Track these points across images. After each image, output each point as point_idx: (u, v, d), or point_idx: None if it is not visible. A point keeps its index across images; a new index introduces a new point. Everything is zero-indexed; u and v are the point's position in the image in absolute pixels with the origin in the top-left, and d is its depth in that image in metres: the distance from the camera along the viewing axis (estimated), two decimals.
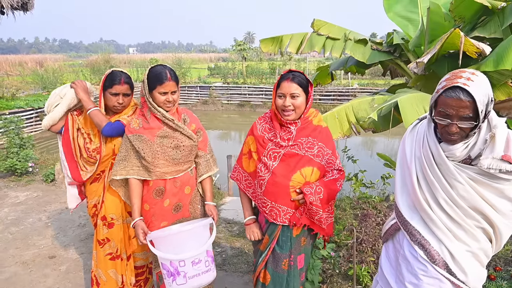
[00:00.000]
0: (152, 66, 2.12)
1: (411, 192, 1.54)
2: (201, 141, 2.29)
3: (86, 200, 2.49)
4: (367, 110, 2.89)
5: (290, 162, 1.91)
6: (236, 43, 22.52)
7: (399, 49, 3.64)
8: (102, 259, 2.44)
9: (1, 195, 5.09)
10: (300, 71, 1.94)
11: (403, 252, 1.59)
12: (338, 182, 1.99)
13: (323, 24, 3.97)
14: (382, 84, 16.86)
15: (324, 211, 1.93)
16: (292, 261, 2.00)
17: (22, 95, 13.38)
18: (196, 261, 2.02)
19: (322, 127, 2.01)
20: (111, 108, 2.32)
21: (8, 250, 3.68)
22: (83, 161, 2.35)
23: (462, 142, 1.38)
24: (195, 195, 2.32)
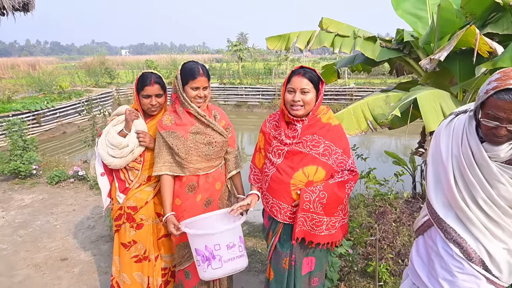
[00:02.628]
0: (184, 62, 2.17)
1: (446, 190, 1.51)
2: (230, 137, 2.31)
3: (112, 204, 2.44)
4: (382, 107, 2.92)
5: (293, 159, 1.91)
6: (232, 43, 22.51)
7: (409, 46, 3.66)
8: (127, 262, 2.40)
9: (6, 198, 5.03)
10: (312, 68, 1.93)
11: (437, 249, 1.58)
12: (348, 184, 1.91)
13: (331, 22, 3.99)
14: (379, 83, 16.97)
15: (332, 215, 1.91)
16: (293, 261, 1.98)
17: (17, 97, 13.22)
18: (231, 245, 2.01)
19: (332, 125, 1.95)
20: (146, 111, 2.33)
21: (18, 253, 3.64)
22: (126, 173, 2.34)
23: (508, 143, 1.35)
24: (225, 191, 2.36)
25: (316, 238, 1.91)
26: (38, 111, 11.90)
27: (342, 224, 2.01)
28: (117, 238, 2.43)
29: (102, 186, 2.39)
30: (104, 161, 2.29)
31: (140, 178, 2.33)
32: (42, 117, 12.03)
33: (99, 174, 2.37)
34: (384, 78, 18.66)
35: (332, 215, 1.91)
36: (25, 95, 14.14)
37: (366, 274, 2.88)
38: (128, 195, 2.33)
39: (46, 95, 13.43)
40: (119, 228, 2.39)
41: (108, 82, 18.71)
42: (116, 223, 2.40)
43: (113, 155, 2.24)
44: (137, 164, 2.32)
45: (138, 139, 2.26)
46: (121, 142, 2.22)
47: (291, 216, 1.93)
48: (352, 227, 3.19)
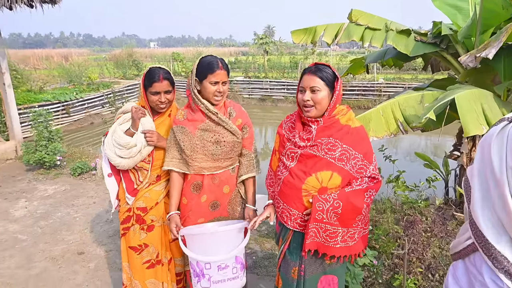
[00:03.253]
0: (202, 56, 2.02)
1: (500, 209, 1.26)
2: (247, 138, 2.15)
3: (119, 206, 2.35)
4: (415, 107, 2.67)
5: (307, 163, 1.75)
6: (258, 37, 22.26)
7: (446, 40, 3.37)
8: (139, 269, 2.29)
9: (30, 188, 5.12)
10: (327, 64, 1.76)
11: (482, 279, 1.34)
12: (368, 192, 1.74)
13: (361, 14, 3.73)
14: (409, 79, 16.30)
15: (349, 226, 1.73)
16: (302, 271, 1.82)
17: (49, 88, 13.61)
18: (223, 266, 1.91)
19: (351, 127, 1.77)
20: (154, 107, 2.21)
21: (38, 244, 3.66)
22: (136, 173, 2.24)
23: None
24: (235, 196, 2.19)
25: (331, 251, 1.74)
26: (67, 101, 12.20)
27: (363, 235, 1.82)
28: (124, 242, 2.31)
29: (110, 188, 2.29)
30: (111, 162, 2.19)
31: (149, 178, 2.23)
32: (71, 107, 12.34)
33: (106, 175, 2.27)
34: (415, 73, 17.89)
35: (349, 226, 1.74)
36: (56, 86, 14.54)
37: (390, 286, 2.67)
38: (138, 195, 2.23)
39: (76, 86, 13.75)
40: (127, 231, 2.27)
41: (135, 74, 18.97)
42: (124, 226, 2.28)
43: (121, 155, 2.13)
44: (145, 164, 2.21)
45: (146, 138, 2.14)
46: (128, 142, 2.11)
47: (302, 224, 1.78)
48: (378, 234, 2.98)
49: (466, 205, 1.43)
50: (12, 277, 3.13)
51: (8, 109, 6.13)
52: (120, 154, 2.14)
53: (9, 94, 6.04)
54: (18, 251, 3.55)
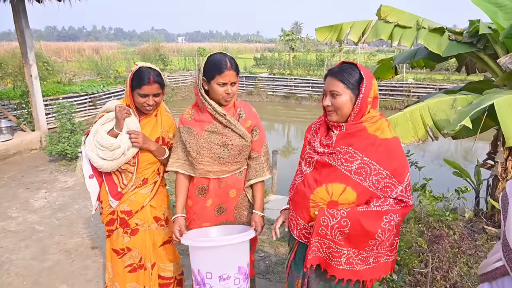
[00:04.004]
0: (210, 54, 1.89)
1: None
2: (257, 140, 2.01)
3: (101, 208, 2.24)
4: (446, 111, 2.45)
5: (321, 172, 1.59)
6: (284, 33, 22.01)
7: (484, 40, 3.10)
8: (121, 272, 2.22)
9: (51, 179, 5.21)
10: (354, 63, 1.58)
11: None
12: (388, 217, 1.49)
13: (391, 11, 3.52)
14: (441, 80, 15.66)
15: (360, 248, 1.54)
16: (305, 285, 1.68)
17: (78, 80, 13.95)
18: (225, 277, 1.81)
19: (379, 138, 1.55)
20: (140, 109, 2.08)
21: (53, 236, 3.69)
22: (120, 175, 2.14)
23: None
24: (242, 200, 2.08)
25: (332, 270, 1.58)
26: (94, 94, 12.45)
27: (383, 262, 1.60)
28: (108, 243, 2.24)
29: (91, 190, 2.15)
30: (93, 164, 2.06)
31: (135, 182, 2.12)
32: (97, 100, 12.59)
33: (87, 176, 2.13)
34: (447, 74, 17.18)
35: (360, 248, 1.54)
36: (85, 78, 14.89)
37: None
38: (122, 199, 2.12)
39: (103, 79, 14.02)
40: (111, 233, 2.20)
41: (161, 68, 19.19)
42: (108, 228, 2.20)
43: (104, 157, 2.01)
44: (130, 167, 2.09)
45: (131, 139, 2.02)
46: (112, 143, 1.99)
47: (307, 236, 1.64)
48: (400, 245, 2.80)
49: (502, 223, 1.26)
50: (25, 268, 3.16)
51: (34, 100, 6.27)
52: (102, 156, 2.02)
53: (35, 86, 6.17)
54: (35, 242, 3.58)
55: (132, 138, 2.03)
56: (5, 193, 4.73)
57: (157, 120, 2.18)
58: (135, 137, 2.03)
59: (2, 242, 3.56)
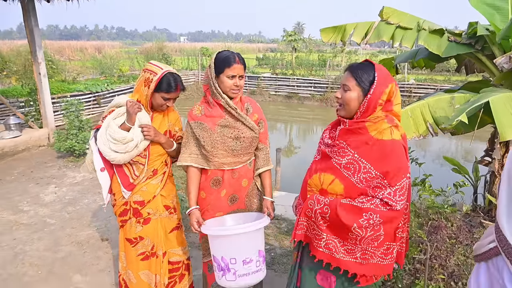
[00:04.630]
0: (219, 52, 2.03)
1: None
2: (262, 132, 2.16)
3: (113, 199, 2.33)
4: (445, 109, 2.57)
5: (322, 161, 1.72)
6: (287, 33, 22.14)
7: (482, 41, 3.22)
8: (134, 260, 2.33)
9: (60, 175, 5.34)
10: (373, 63, 1.62)
11: (502, 282, 1.32)
12: (367, 214, 1.51)
13: (393, 12, 3.63)
14: (442, 81, 15.77)
15: (341, 238, 1.59)
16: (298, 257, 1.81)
17: (81, 79, 14.09)
18: (248, 261, 1.93)
19: (375, 138, 1.57)
20: (156, 107, 2.22)
21: (65, 229, 3.82)
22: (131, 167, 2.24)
23: None
24: (252, 189, 2.22)
25: (313, 249, 1.68)
26: (98, 92, 12.58)
27: (376, 263, 1.62)
28: (122, 233, 2.35)
29: (102, 182, 2.25)
30: (105, 157, 2.15)
31: (146, 173, 2.24)
32: (102, 98, 12.72)
33: (99, 169, 2.22)
34: (448, 75, 17.29)
35: (341, 237, 1.61)
36: (89, 77, 15.03)
37: None
38: (134, 189, 2.23)
39: (107, 78, 14.16)
40: (125, 223, 2.30)
41: None
42: (121, 219, 2.31)
43: (116, 150, 2.10)
44: (141, 159, 2.20)
45: (143, 133, 2.14)
46: (125, 136, 2.08)
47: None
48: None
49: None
50: (40, 258, 3.29)
51: (42, 97, 6.41)
52: (115, 149, 2.11)
53: (44, 83, 6.30)
54: (47, 234, 3.71)
55: (144, 132, 2.14)
56: (16, 187, 4.86)
57: (164, 115, 2.32)
58: (147, 131, 2.14)
59: (15, 234, 3.69)
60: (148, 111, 2.22)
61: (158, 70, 2.14)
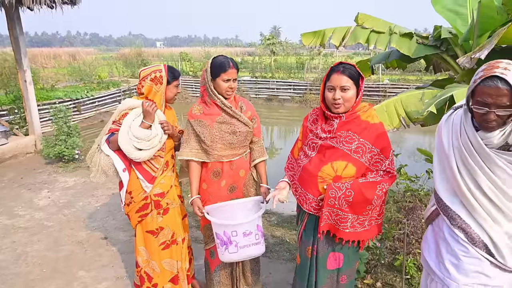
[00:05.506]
0: (214, 57, 2.29)
1: (451, 179, 1.60)
2: (256, 128, 2.43)
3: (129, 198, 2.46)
4: (416, 104, 2.91)
5: (325, 153, 1.93)
6: (265, 37, 22.51)
7: (446, 43, 3.59)
8: (156, 250, 2.50)
9: (51, 180, 5.41)
10: (352, 63, 1.93)
11: (443, 235, 1.67)
12: (381, 185, 1.88)
13: (367, 18, 3.97)
14: (414, 80, 16.47)
15: (359, 214, 1.90)
16: (315, 251, 2.02)
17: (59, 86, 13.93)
18: (247, 233, 2.16)
19: (370, 123, 1.92)
20: (170, 99, 2.49)
21: (63, 230, 3.94)
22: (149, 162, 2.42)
23: (499, 129, 1.44)
24: (249, 179, 2.47)
25: (340, 233, 1.93)
26: (78, 99, 12.50)
27: (375, 224, 1.98)
28: (140, 228, 2.50)
29: (126, 182, 2.41)
30: (129, 156, 2.31)
31: (162, 165, 2.45)
32: (82, 105, 12.64)
33: (121, 170, 2.39)
34: (420, 75, 18.05)
35: (360, 213, 1.91)
36: (67, 84, 14.86)
37: (393, 267, 2.91)
38: (155, 182, 2.43)
39: (86, 85, 14.06)
40: (144, 218, 2.46)
41: None
42: (141, 214, 2.45)
43: (141, 147, 2.29)
44: (161, 152, 2.43)
45: (163, 128, 2.37)
46: (149, 134, 2.30)
47: (316, 207, 1.97)
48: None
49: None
50: (42, 258, 3.41)
51: (28, 105, 6.44)
52: (139, 147, 2.28)
53: (30, 91, 6.34)
54: (46, 235, 3.83)
55: (164, 127, 2.38)
56: (8, 194, 4.92)
57: (171, 113, 2.61)
58: (166, 126, 2.39)
59: (14, 237, 3.79)
60: (162, 108, 2.45)
61: (158, 67, 2.40)
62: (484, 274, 1.56)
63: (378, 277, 2.88)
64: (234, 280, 2.63)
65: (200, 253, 3.37)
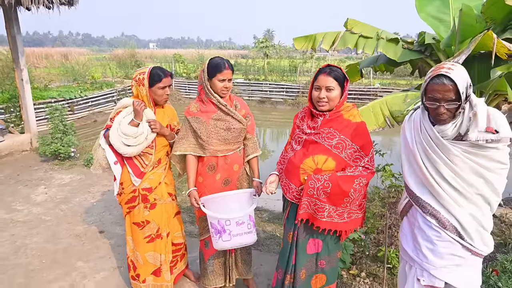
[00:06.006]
0: (211, 58, 2.45)
1: (418, 172, 1.79)
2: (250, 125, 2.59)
3: (121, 188, 2.62)
4: (400, 105, 3.10)
5: (308, 147, 2.11)
6: (258, 40, 22.75)
7: (430, 48, 3.81)
8: (141, 242, 2.65)
9: (48, 177, 5.51)
10: (338, 66, 2.10)
11: (418, 224, 1.85)
12: (358, 179, 2.01)
13: (356, 24, 4.18)
14: (404, 84, 16.81)
15: (337, 205, 2.04)
16: (295, 236, 2.19)
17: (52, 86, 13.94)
18: (240, 222, 2.32)
19: (352, 121, 2.07)
20: (159, 101, 2.59)
21: (61, 224, 4.05)
22: (140, 158, 2.57)
23: (451, 122, 1.64)
24: (242, 173, 2.62)
25: (317, 222, 2.08)
26: (72, 99, 12.54)
27: (354, 218, 2.11)
28: (128, 219, 2.66)
29: (117, 173, 2.58)
30: (118, 151, 2.48)
31: (152, 162, 2.59)
32: (75, 105, 12.68)
33: (113, 163, 2.55)
34: (410, 79, 18.44)
35: (337, 204, 2.05)
36: (59, 84, 14.87)
37: (377, 259, 3.10)
38: (144, 177, 2.58)
39: (80, 85, 14.10)
40: (132, 209, 2.61)
41: None
42: (129, 205, 2.61)
43: (129, 144, 2.45)
44: (150, 149, 2.56)
45: (150, 126, 2.50)
46: (135, 131, 2.45)
47: (297, 197, 2.13)
48: (367, 217, 3.41)
49: None
50: (41, 250, 3.52)
51: (25, 103, 6.52)
52: (127, 143, 2.46)
53: (26, 90, 6.43)
54: (44, 229, 3.93)
55: (151, 125, 2.52)
56: (5, 189, 5.00)
57: (164, 111, 2.71)
58: (153, 124, 2.52)
59: (13, 231, 3.89)
60: (152, 107, 2.59)
61: (144, 69, 2.55)
62: (457, 255, 1.73)
63: (363, 267, 3.06)
64: (227, 270, 2.77)
65: (194, 245, 3.52)
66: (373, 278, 2.95)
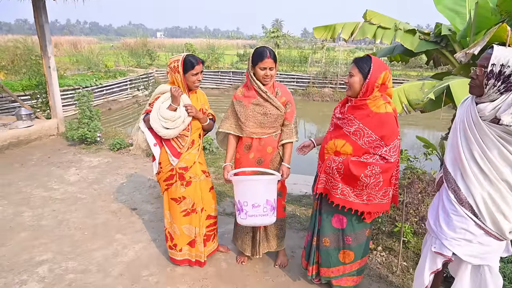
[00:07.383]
0: (257, 47, 2.67)
1: (455, 147, 1.94)
2: (289, 112, 2.77)
3: (159, 168, 2.85)
4: (416, 92, 3.31)
5: (334, 131, 2.37)
6: (269, 31, 22.82)
7: (446, 39, 3.99)
8: (178, 216, 2.92)
9: (77, 159, 5.83)
10: (371, 56, 2.24)
11: (443, 197, 2.02)
12: (371, 167, 2.12)
13: (375, 15, 4.36)
14: (415, 76, 16.87)
15: (351, 186, 2.22)
16: (319, 205, 2.47)
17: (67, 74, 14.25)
18: (256, 205, 2.54)
19: (374, 112, 2.17)
20: (191, 86, 2.80)
21: (96, 202, 4.36)
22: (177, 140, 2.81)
23: (489, 101, 1.78)
24: (276, 156, 2.84)
25: (331, 197, 2.32)
26: (87, 87, 12.83)
27: (377, 203, 2.26)
28: (166, 195, 2.92)
29: (156, 155, 2.81)
30: (158, 133, 2.71)
31: (188, 143, 2.83)
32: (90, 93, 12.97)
33: (152, 144, 2.79)
34: (420, 71, 18.47)
35: (351, 185, 2.23)
36: (73, 72, 15.17)
37: (392, 234, 3.36)
38: (180, 157, 2.82)
39: (94, 73, 14.39)
40: (170, 186, 2.87)
41: (149, 63, 19.64)
42: (167, 183, 2.86)
43: (167, 127, 2.68)
44: (186, 132, 2.81)
45: (187, 110, 2.74)
46: (174, 115, 2.66)
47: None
48: None
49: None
50: (82, 223, 3.84)
51: (52, 90, 6.82)
52: (166, 126, 2.70)
53: (53, 77, 6.72)
54: (81, 206, 4.25)
55: (188, 110, 2.76)
56: (40, 170, 5.33)
57: (197, 96, 2.96)
58: (190, 108, 2.77)
59: (53, 207, 4.21)
60: (186, 93, 2.84)
61: (178, 57, 2.76)
62: (469, 231, 1.87)
63: (379, 242, 3.32)
64: (255, 243, 3.00)
65: (223, 222, 3.81)
66: (389, 251, 3.22)
